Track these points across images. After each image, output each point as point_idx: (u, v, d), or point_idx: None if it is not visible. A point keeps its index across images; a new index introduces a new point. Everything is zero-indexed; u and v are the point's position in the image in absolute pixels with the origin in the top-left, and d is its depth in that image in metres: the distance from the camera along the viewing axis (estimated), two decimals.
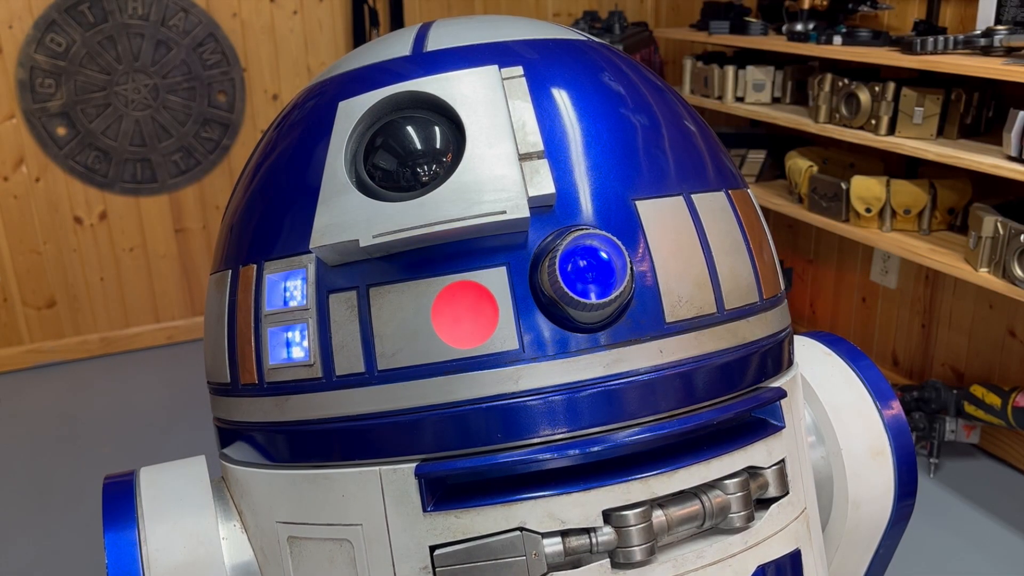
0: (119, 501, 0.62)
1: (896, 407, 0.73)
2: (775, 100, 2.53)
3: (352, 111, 0.53)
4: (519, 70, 0.54)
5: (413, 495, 0.53)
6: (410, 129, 0.52)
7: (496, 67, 0.53)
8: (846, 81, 2.13)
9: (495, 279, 0.52)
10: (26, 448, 2.53)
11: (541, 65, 0.58)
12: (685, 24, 3.26)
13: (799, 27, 2.33)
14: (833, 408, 0.72)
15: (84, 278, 3.02)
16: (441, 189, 0.50)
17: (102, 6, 2.81)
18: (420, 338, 0.52)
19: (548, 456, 0.53)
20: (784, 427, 0.61)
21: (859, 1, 2.35)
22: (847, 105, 2.14)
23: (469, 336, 0.52)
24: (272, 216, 0.58)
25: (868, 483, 0.71)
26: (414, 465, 0.53)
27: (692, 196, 0.58)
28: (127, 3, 2.83)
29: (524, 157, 0.51)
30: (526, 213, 0.49)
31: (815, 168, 2.32)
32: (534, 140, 0.52)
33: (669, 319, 0.54)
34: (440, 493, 0.54)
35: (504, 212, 0.49)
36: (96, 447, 2.50)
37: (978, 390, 2.11)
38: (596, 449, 0.53)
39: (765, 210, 2.58)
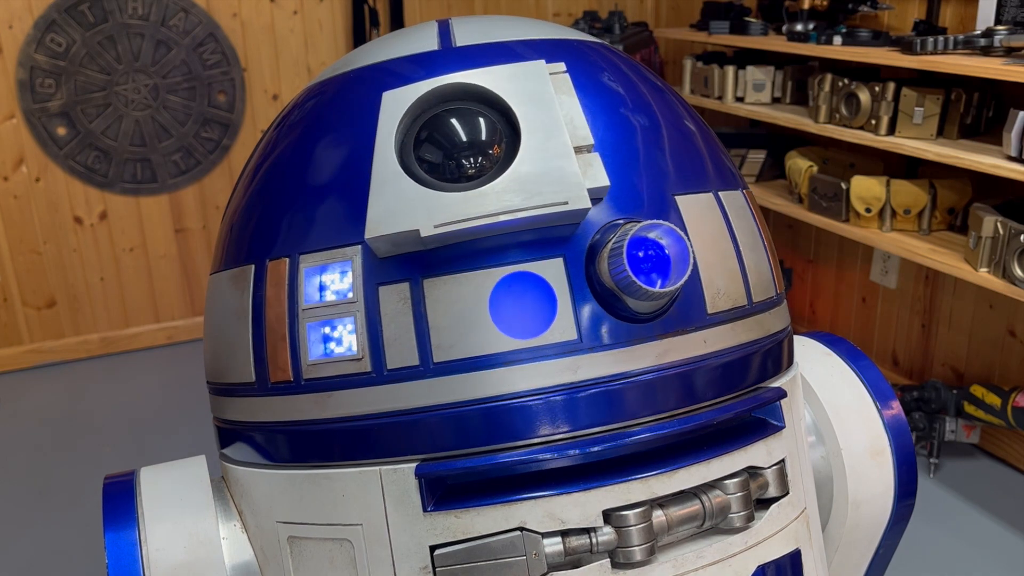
0: (119, 501, 0.62)
1: (896, 407, 0.73)
2: (775, 100, 2.53)
3: (399, 101, 0.52)
4: (562, 66, 0.55)
5: (413, 495, 0.53)
6: (462, 120, 0.52)
7: (543, 61, 0.54)
8: (846, 81, 2.13)
9: (552, 270, 0.52)
10: (26, 448, 2.53)
11: (575, 63, 0.59)
12: (685, 24, 3.26)
13: (799, 27, 2.33)
14: (833, 408, 0.72)
15: (84, 278, 3.02)
16: (501, 179, 0.50)
17: (102, 6, 2.81)
18: (478, 329, 0.52)
19: (548, 456, 0.53)
20: (784, 427, 0.61)
21: (859, 1, 2.35)
22: (847, 105, 2.14)
23: (528, 327, 0.52)
24: (305, 209, 0.56)
25: (868, 483, 0.71)
26: (414, 465, 0.53)
27: (719, 193, 0.60)
28: (127, 3, 2.83)
29: (576, 150, 0.52)
30: (588, 204, 0.50)
31: (815, 168, 2.32)
32: (583, 134, 0.52)
33: (710, 310, 0.56)
34: (440, 493, 0.54)
35: (566, 203, 0.49)
36: (96, 447, 2.50)
37: (978, 390, 2.11)
38: (596, 449, 0.53)
39: (765, 210, 2.58)
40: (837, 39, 2.17)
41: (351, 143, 0.56)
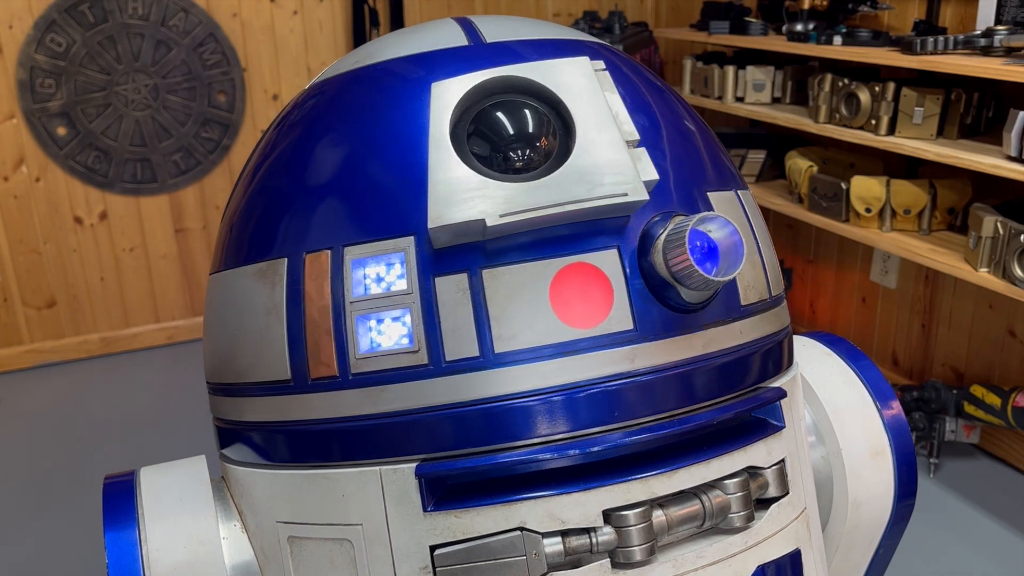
0: (119, 501, 0.62)
1: (896, 407, 0.73)
2: (775, 100, 2.53)
3: (450, 93, 0.52)
4: (602, 64, 0.55)
5: (413, 495, 0.53)
6: (516, 113, 0.53)
7: (587, 58, 0.54)
8: (846, 81, 2.13)
9: (607, 261, 0.53)
10: (26, 448, 2.53)
11: (607, 63, 0.59)
12: (685, 24, 3.26)
13: (799, 27, 2.33)
14: (833, 408, 0.72)
15: (84, 278, 3.02)
16: (561, 171, 0.50)
17: (102, 6, 2.81)
18: (539, 319, 0.52)
19: (548, 456, 0.53)
20: (784, 427, 0.61)
21: (859, 1, 2.35)
22: (847, 105, 2.14)
23: (587, 316, 0.53)
24: (348, 201, 0.55)
25: (868, 483, 0.71)
26: (414, 465, 0.53)
27: (739, 192, 0.62)
28: (127, 3, 2.83)
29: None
30: (645, 196, 0.51)
31: (815, 168, 2.32)
32: (629, 129, 0.53)
33: (743, 302, 0.58)
34: (440, 493, 0.54)
35: (626, 194, 0.50)
36: (96, 447, 2.50)
37: (978, 390, 2.11)
38: (596, 449, 0.53)
39: (765, 210, 2.58)
40: (837, 39, 2.16)
41: (397, 134, 0.55)
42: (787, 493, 0.60)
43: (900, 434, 0.72)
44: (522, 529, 0.53)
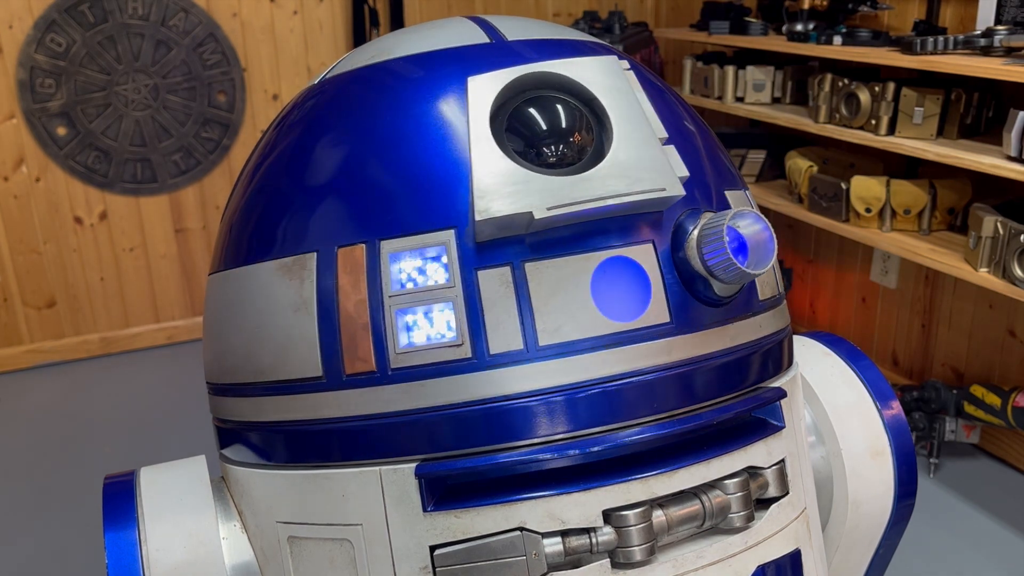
0: (119, 501, 0.62)
1: (896, 407, 0.73)
2: (775, 100, 2.53)
3: (488, 87, 0.53)
4: (627, 63, 0.56)
5: (413, 495, 0.53)
6: (552, 108, 0.53)
7: (615, 57, 0.55)
8: (846, 81, 2.13)
9: (644, 255, 0.54)
10: (26, 448, 2.53)
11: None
12: (685, 24, 3.26)
13: (799, 27, 2.33)
14: (833, 408, 0.72)
15: (84, 278, 3.02)
16: (602, 166, 0.51)
17: (102, 6, 2.81)
18: (582, 313, 0.52)
19: (548, 456, 0.53)
20: (784, 427, 0.61)
21: (859, 1, 2.35)
22: (847, 105, 2.14)
23: (626, 310, 0.53)
24: (384, 194, 0.54)
25: (868, 483, 0.71)
26: (414, 465, 0.53)
27: (746, 192, 0.64)
28: (127, 3, 2.83)
29: None
30: (682, 191, 0.52)
31: (815, 168, 2.32)
32: (658, 127, 0.54)
33: (760, 297, 0.60)
34: (440, 493, 0.54)
35: (664, 189, 0.52)
36: (96, 447, 2.50)
37: (978, 390, 2.11)
38: (596, 449, 0.53)
39: (765, 210, 2.58)
40: (837, 39, 2.16)
41: (431, 128, 0.55)
42: (787, 493, 0.60)
43: (900, 434, 0.72)
44: (522, 529, 0.53)
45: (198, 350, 3.04)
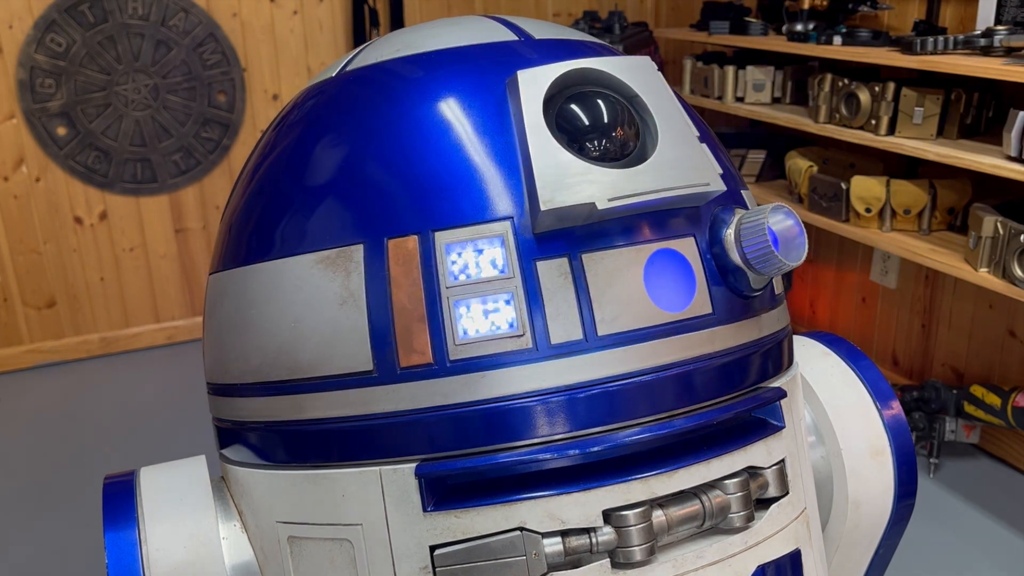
0: (119, 501, 0.62)
1: (896, 407, 0.73)
2: (775, 100, 2.53)
3: (538, 81, 0.53)
4: (655, 64, 0.58)
5: (413, 495, 0.53)
6: (601, 104, 0.54)
7: (647, 57, 0.57)
8: (846, 81, 2.13)
9: (688, 247, 0.56)
10: (26, 448, 2.53)
11: None
12: (685, 24, 3.26)
13: (799, 27, 2.33)
14: (833, 408, 0.72)
15: (84, 278, 3.02)
16: (654, 159, 0.53)
17: (102, 6, 2.81)
18: (637, 303, 0.54)
19: (548, 456, 0.53)
20: (784, 427, 0.61)
21: (859, 1, 2.35)
22: (847, 105, 2.14)
23: (676, 301, 0.55)
24: (435, 184, 0.54)
25: (868, 483, 0.71)
26: (414, 465, 0.53)
27: (745, 192, 0.65)
28: (127, 3, 2.83)
29: None
30: (723, 186, 0.55)
31: (815, 168, 2.32)
32: (691, 124, 0.56)
33: (776, 291, 0.63)
34: (440, 493, 0.54)
35: (708, 184, 0.54)
36: (96, 447, 2.50)
37: (978, 390, 2.11)
38: (596, 449, 0.53)
39: None
40: (837, 39, 2.16)
41: (483, 120, 0.55)
42: (787, 493, 0.60)
43: (900, 434, 0.72)
44: (522, 529, 0.53)
45: (198, 350, 3.04)
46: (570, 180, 0.51)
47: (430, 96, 0.57)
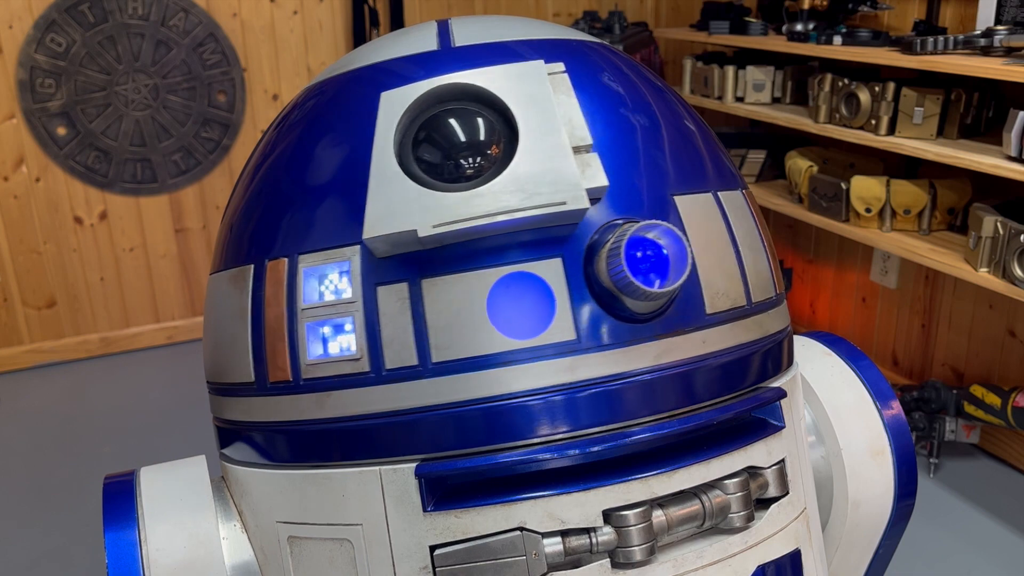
0: (119, 501, 0.62)
1: (896, 407, 0.73)
2: (775, 100, 2.53)
3: (397, 101, 0.52)
4: (561, 66, 0.54)
5: (413, 495, 0.53)
6: (459, 120, 0.52)
7: (541, 61, 0.53)
8: (846, 81, 2.13)
9: (550, 270, 0.52)
10: (26, 448, 2.53)
11: (575, 63, 0.59)
12: (685, 24, 3.26)
13: (799, 27, 2.33)
14: (833, 408, 0.72)
15: (84, 278, 3.02)
16: (498, 180, 0.50)
17: (102, 6, 2.81)
18: (476, 330, 0.52)
19: (548, 456, 0.53)
20: (784, 427, 0.61)
21: (859, 1, 2.35)
22: (847, 105, 2.14)
23: (526, 327, 0.52)
24: (304, 209, 0.56)
25: (868, 483, 0.71)
26: (414, 465, 0.53)
27: (719, 193, 0.60)
28: (127, 3, 2.84)
29: (575, 150, 0.51)
30: (586, 204, 0.50)
31: (815, 168, 2.32)
32: (582, 134, 0.52)
33: (709, 310, 0.56)
34: (440, 493, 0.54)
35: (564, 203, 0.49)
36: (96, 447, 2.50)
37: (978, 390, 2.11)
38: (596, 449, 0.53)
39: (765, 210, 2.58)
40: (837, 39, 2.17)
41: (349, 143, 0.56)
42: (787, 493, 0.60)
43: (900, 434, 0.72)
44: (522, 529, 0.53)
45: (198, 350, 3.04)
46: (399, 206, 0.50)
47: (324, 118, 0.59)
